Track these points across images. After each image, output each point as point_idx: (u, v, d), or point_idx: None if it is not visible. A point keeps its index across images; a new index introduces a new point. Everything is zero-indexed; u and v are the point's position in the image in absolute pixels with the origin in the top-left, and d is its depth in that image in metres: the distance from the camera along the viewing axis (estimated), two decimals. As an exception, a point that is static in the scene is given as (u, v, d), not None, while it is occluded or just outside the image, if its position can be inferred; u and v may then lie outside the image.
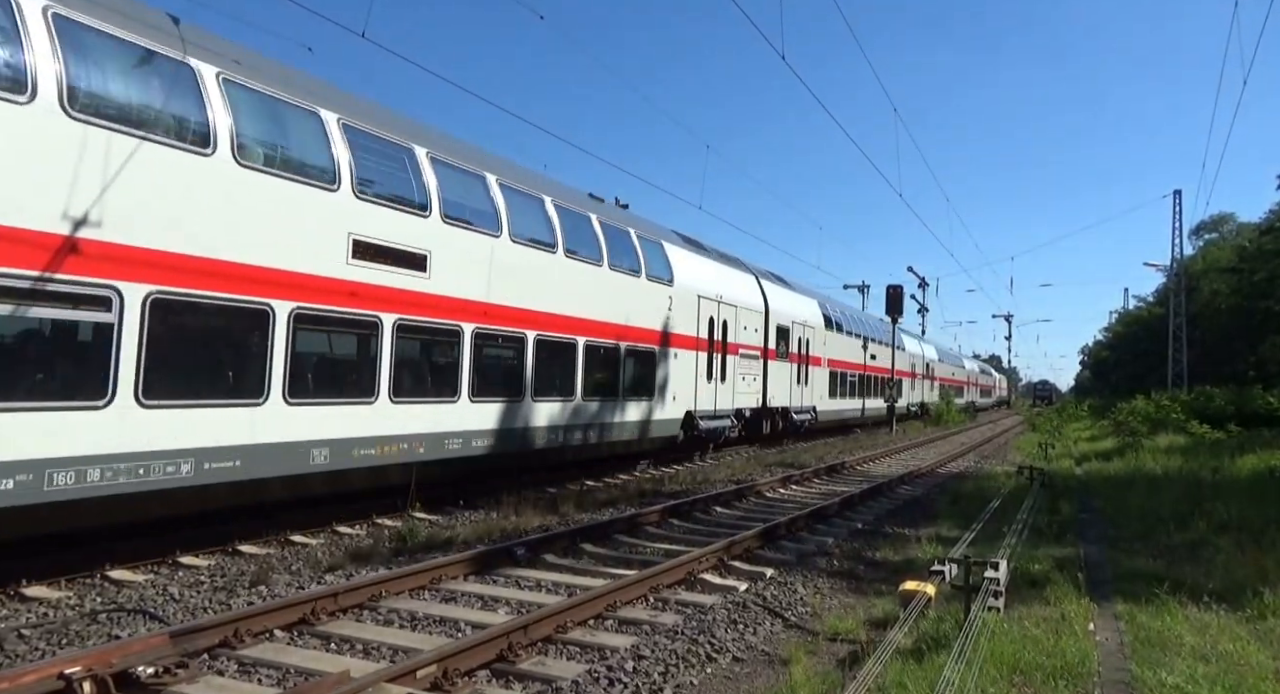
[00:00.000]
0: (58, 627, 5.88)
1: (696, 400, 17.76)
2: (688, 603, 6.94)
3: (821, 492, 14.46)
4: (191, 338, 7.88)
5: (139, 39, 7.53)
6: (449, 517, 10.83)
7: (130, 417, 7.11)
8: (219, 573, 7.66)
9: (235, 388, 8.19)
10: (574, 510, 11.46)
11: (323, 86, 9.90)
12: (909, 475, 16.90)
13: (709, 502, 12.12)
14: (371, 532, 9.82)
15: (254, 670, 5.19)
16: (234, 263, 8.07)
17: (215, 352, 8.21)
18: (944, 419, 42.97)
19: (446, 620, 6.26)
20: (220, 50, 8.42)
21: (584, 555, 8.67)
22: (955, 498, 13.47)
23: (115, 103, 7.21)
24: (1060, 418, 44.30)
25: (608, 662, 5.42)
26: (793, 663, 5.45)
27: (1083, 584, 7.24)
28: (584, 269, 14.07)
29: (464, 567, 7.66)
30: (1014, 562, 7.50)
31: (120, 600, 6.64)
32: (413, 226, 10.35)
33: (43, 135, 6.60)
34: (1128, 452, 21.13)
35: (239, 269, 8.10)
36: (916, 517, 11.85)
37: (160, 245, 7.42)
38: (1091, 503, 13.22)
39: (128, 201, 7.15)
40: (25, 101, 6.48)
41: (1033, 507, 11.29)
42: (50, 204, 6.62)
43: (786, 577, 7.97)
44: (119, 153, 7.11)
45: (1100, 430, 34.03)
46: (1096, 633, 6.10)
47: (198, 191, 7.80)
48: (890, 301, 34.08)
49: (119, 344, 7.05)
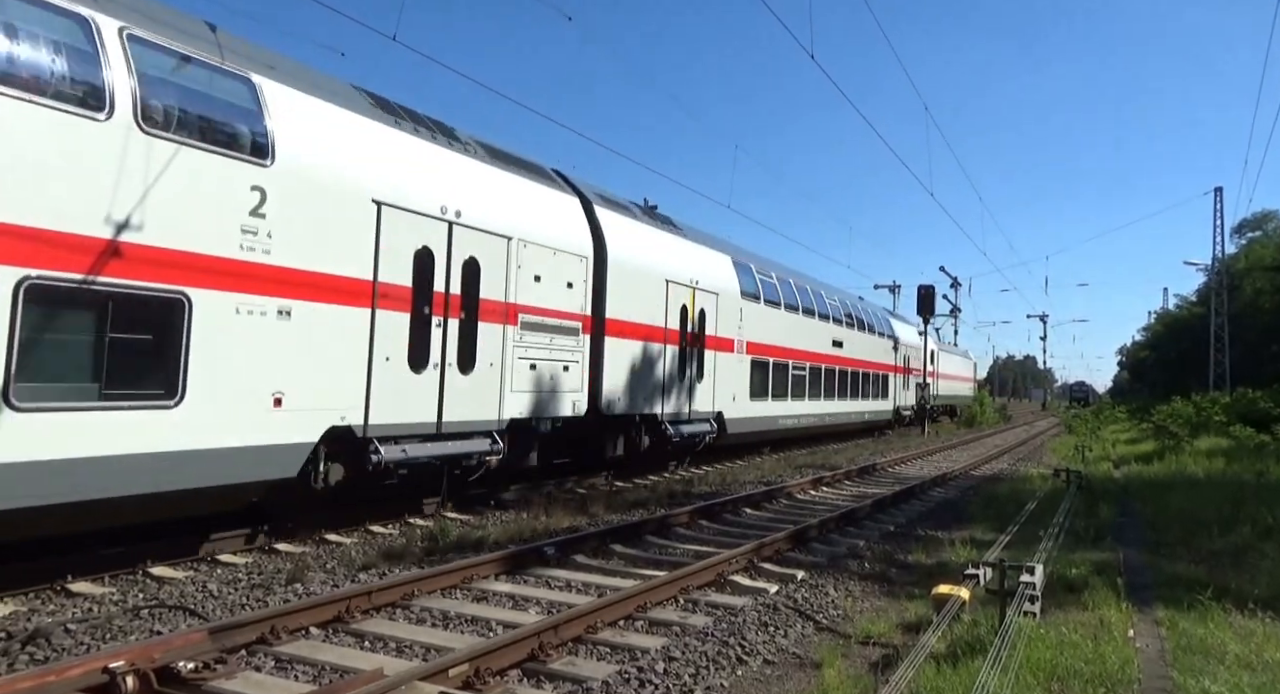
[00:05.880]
0: (102, 622, 6.01)
1: (369, 408, 8.94)
2: (718, 604, 6.92)
3: (853, 494, 14.34)
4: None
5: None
6: (480, 516, 10.91)
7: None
8: (256, 571, 7.79)
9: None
10: (603, 511, 11.48)
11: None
12: (942, 477, 16.68)
13: (738, 503, 12.07)
14: (404, 531, 9.92)
15: (290, 667, 5.27)
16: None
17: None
18: (978, 421, 42.38)
19: (478, 620, 6.31)
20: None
21: (614, 556, 8.68)
22: (989, 500, 13.27)
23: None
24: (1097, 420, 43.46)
25: (638, 663, 5.42)
26: (825, 666, 5.41)
27: (1122, 589, 7.09)
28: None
29: (495, 566, 7.71)
30: (1050, 566, 7.37)
31: (161, 596, 6.78)
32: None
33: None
34: (1168, 454, 20.64)
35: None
36: (949, 519, 11.70)
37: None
38: (1130, 506, 12.95)
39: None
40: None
41: (1069, 510, 11.09)
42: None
43: (817, 579, 7.91)
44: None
45: (1139, 433, 33.32)
46: (1137, 640, 5.97)
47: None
48: (921, 302, 33.71)
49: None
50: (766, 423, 19.98)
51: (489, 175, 11.18)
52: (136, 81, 6.90)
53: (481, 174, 11.04)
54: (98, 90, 6.65)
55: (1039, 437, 35.08)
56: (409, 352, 9.50)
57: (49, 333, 6.40)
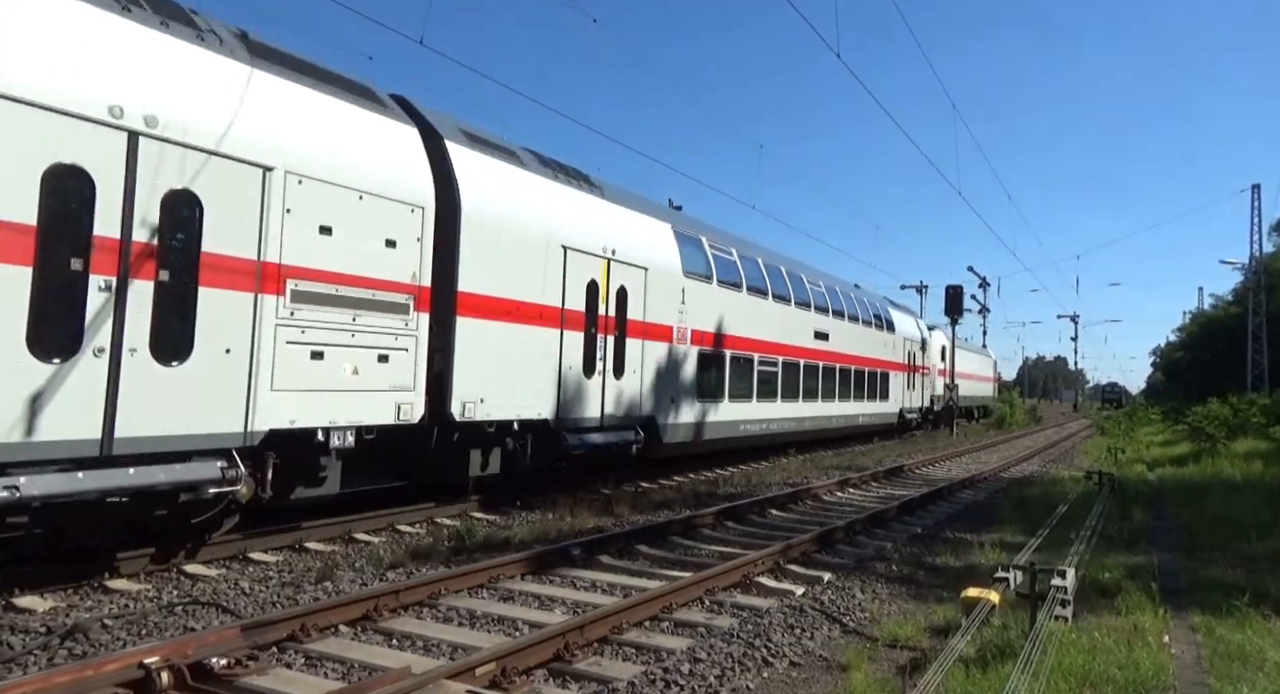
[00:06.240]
0: (137, 618, 6.14)
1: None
2: (744, 606, 6.90)
3: (879, 495, 14.22)
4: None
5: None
6: (506, 517, 10.97)
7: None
8: (287, 569, 7.90)
9: None
10: (629, 512, 11.50)
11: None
12: (970, 480, 16.49)
13: (764, 505, 12.03)
14: (431, 530, 10.01)
15: (320, 664, 5.34)
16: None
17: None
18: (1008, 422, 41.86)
19: (504, 619, 6.34)
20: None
21: (639, 557, 8.69)
22: (1019, 503, 13.09)
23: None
24: (1131, 421, 42.70)
25: (664, 664, 5.42)
26: (851, 669, 5.37)
27: (1157, 594, 6.96)
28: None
29: (521, 566, 7.75)
30: (1082, 569, 7.26)
31: (195, 593, 6.90)
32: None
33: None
34: (1204, 457, 20.23)
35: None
36: (978, 522, 11.56)
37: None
38: (1165, 510, 12.72)
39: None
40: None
41: (1102, 513, 10.92)
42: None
43: (844, 581, 7.86)
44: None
45: (1174, 434, 32.70)
46: (1172, 645, 5.87)
47: None
48: (949, 302, 33.32)
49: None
50: (722, 428, 16.41)
51: (231, 73, 7.68)
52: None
53: (218, 69, 7.57)
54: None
55: (1070, 438, 34.55)
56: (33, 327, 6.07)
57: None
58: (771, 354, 18.57)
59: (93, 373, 6.43)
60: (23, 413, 6.02)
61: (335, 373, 8.35)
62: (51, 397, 6.18)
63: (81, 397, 6.35)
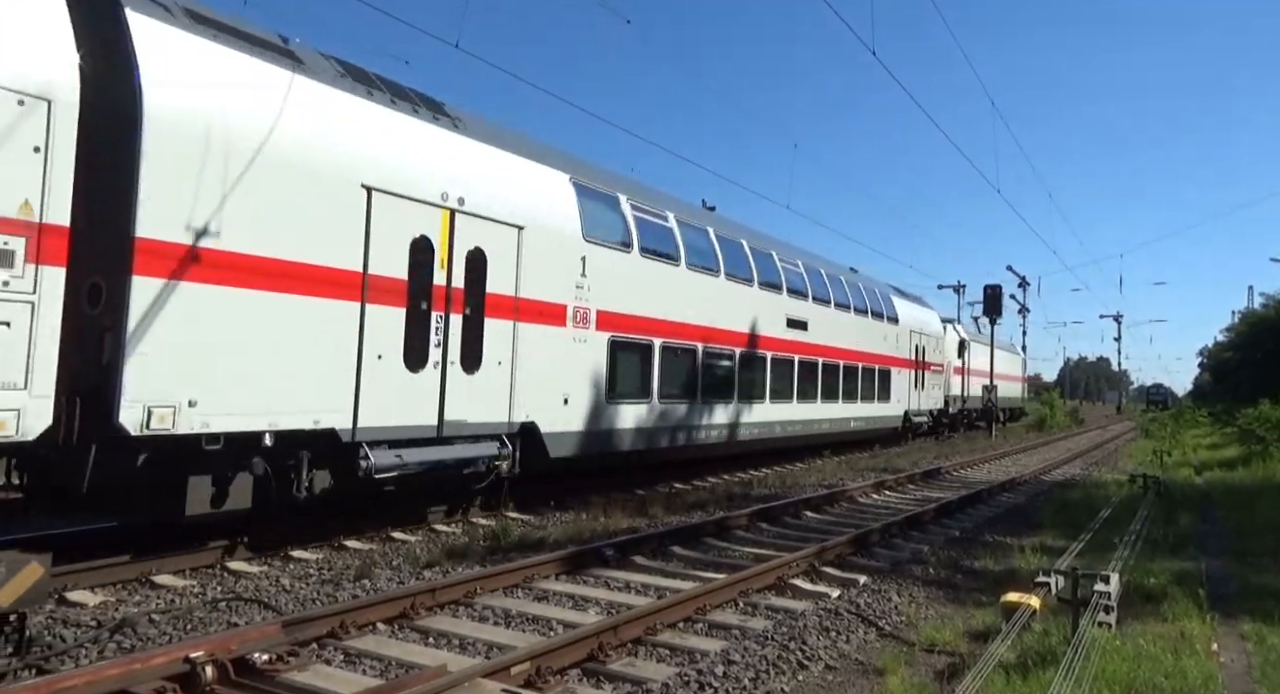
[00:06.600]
0: (183, 613, 6.29)
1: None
2: (778, 608, 6.86)
3: (916, 498, 14.05)
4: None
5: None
6: (540, 517, 11.04)
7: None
8: (326, 566, 8.04)
9: None
10: (662, 513, 11.50)
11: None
12: (1010, 482, 16.20)
13: (799, 506, 11.95)
14: (466, 530, 10.10)
15: (358, 661, 5.42)
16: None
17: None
18: (1048, 425, 41.07)
19: (539, 619, 6.38)
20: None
21: (673, 558, 8.68)
22: (1061, 506, 12.86)
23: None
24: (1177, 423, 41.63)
25: (698, 665, 5.41)
26: (888, 673, 5.32)
27: (1204, 601, 6.79)
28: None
29: (555, 566, 7.79)
30: (1126, 575, 7.10)
31: (238, 590, 7.05)
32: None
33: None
34: (1255, 460, 19.67)
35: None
36: (1018, 525, 11.37)
37: None
38: (1213, 514, 12.39)
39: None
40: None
41: (1147, 517, 10.66)
42: None
43: (880, 584, 7.77)
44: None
45: (1223, 437, 31.83)
46: (1221, 653, 5.71)
47: None
48: (988, 302, 32.85)
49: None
50: (651, 437, 13.16)
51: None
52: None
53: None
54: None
55: (1113, 441, 33.80)
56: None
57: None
58: (724, 345, 15.27)
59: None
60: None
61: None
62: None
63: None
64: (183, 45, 7.28)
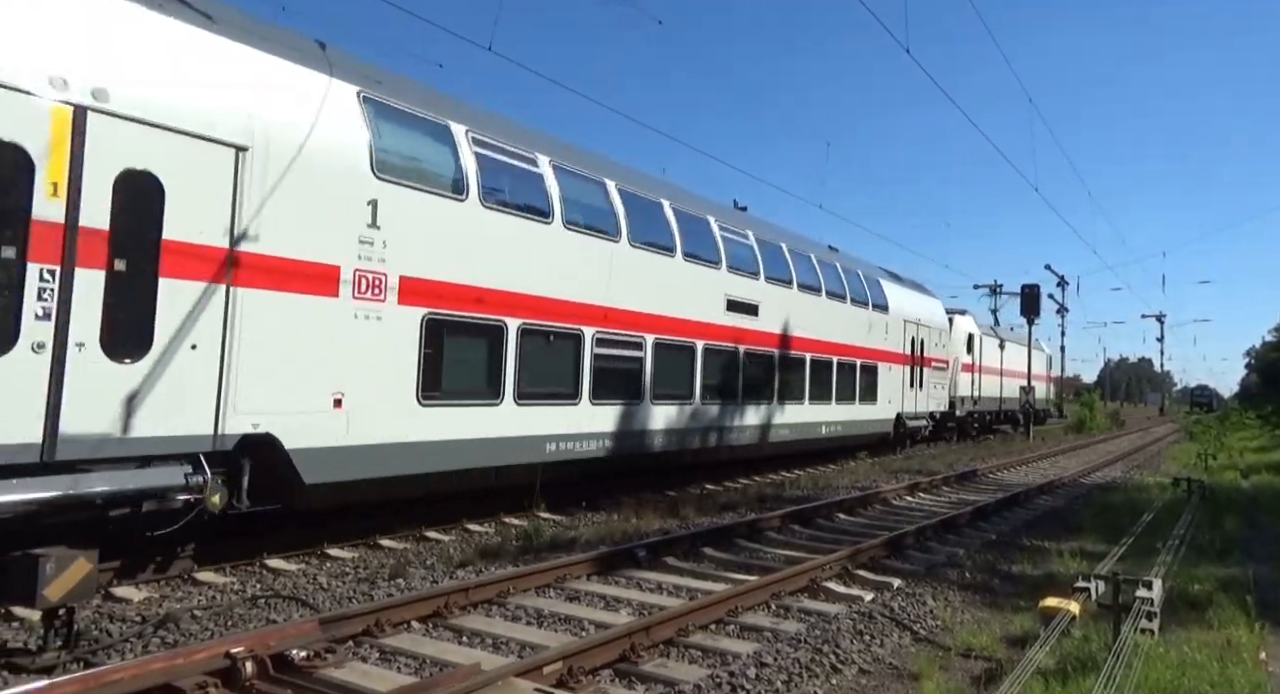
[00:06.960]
0: (223, 609, 6.42)
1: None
2: (811, 611, 6.82)
3: (951, 500, 13.87)
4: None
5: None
6: (572, 517, 11.08)
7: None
8: (362, 565, 8.15)
9: None
10: (694, 514, 11.48)
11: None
12: (1049, 485, 15.93)
13: (832, 508, 11.85)
14: (499, 530, 10.18)
15: (393, 659, 5.49)
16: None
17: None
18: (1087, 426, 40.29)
19: (571, 619, 6.41)
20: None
21: (704, 559, 8.67)
22: (1101, 510, 12.60)
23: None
24: (1222, 426, 40.60)
25: (729, 667, 5.39)
26: (923, 678, 5.25)
27: (1252, 608, 6.60)
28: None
29: (587, 567, 7.82)
30: (1170, 581, 6.94)
31: (276, 587, 7.18)
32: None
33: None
34: (1304, 463, 19.11)
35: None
36: (1057, 529, 11.16)
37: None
38: (1261, 519, 12.05)
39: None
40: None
41: (1191, 521, 10.41)
42: None
43: (915, 588, 7.68)
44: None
45: (1271, 440, 30.98)
46: (1269, 662, 5.56)
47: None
48: (1025, 301, 32.29)
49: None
50: (490, 451, 9.74)
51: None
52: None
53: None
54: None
55: (1156, 443, 33.05)
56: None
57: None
58: (628, 330, 12.02)
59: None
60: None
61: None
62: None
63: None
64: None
